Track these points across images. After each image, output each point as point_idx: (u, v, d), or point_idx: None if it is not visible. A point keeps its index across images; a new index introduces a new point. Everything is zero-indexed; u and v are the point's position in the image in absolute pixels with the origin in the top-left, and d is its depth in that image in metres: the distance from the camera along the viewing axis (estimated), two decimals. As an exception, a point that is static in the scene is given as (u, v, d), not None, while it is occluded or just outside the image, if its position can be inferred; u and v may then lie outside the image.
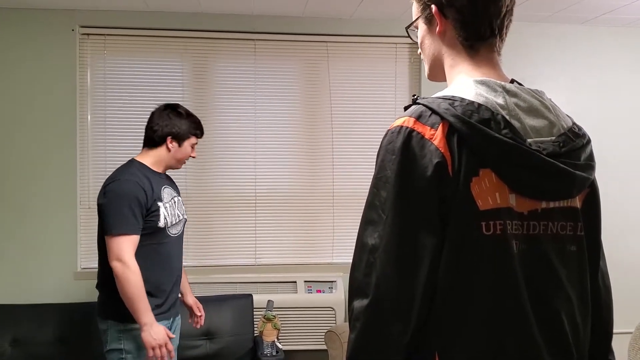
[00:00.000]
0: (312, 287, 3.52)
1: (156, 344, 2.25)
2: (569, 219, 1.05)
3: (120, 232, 2.26)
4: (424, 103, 1.03)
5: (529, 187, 1.00)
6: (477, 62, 1.09)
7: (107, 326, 2.35)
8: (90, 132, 3.45)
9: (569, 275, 1.04)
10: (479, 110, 0.98)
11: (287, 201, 3.60)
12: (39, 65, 3.36)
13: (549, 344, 1.01)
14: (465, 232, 0.97)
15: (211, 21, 3.48)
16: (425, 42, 1.16)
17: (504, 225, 0.98)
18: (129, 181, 2.32)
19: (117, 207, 2.28)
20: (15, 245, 3.35)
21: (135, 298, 2.24)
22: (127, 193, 2.29)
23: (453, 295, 0.98)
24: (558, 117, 1.06)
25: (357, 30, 3.59)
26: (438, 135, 0.98)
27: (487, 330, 0.98)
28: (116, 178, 2.35)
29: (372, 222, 1.01)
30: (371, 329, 0.99)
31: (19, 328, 3.08)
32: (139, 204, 2.29)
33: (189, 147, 2.49)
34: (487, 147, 0.97)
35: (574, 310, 1.04)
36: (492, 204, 0.98)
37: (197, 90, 3.53)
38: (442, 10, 1.09)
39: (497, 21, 1.08)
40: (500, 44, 1.11)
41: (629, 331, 2.96)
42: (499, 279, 0.98)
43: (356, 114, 3.64)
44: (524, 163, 0.98)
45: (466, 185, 0.97)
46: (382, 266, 0.98)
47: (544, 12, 3.44)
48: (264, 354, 3.09)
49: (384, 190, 1.00)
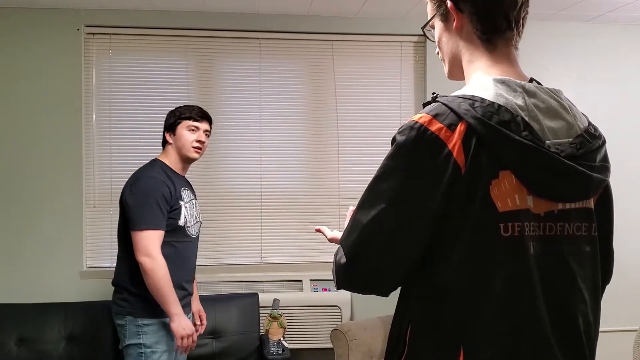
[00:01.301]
0: (318, 285, 3.52)
1: (185, 333, 2.35)
2: (584, 220, 1.06)
3: (149, 227, 2.33)
4: (443, 102, 1.03)
5: (547, 189, 1.01)
6: (495, 58, 1.10)
7: (125, 322, 2.40)
8: (95, 131, 3.45)
9: (584, 276, 1.05)
10: (499, 111, 0.98)
11: (292, 200, 3.60)
12: (45, 64, 3.36)
13: (562, 345, 1.02)
14: (483, 233, 0.98)
15: (216, 20, 3.48)
16: (443, 40, 1.16)
17: (522, 227, 0.99)
18: (156, 179, 2.40)
19: (146, 203, 2.34)
20: (21, 244, 3.34)
21: (165, 291, 2.31)
22: (155, 189, 2.36)
23: (471, 294, 0.99)
24: (575, 118, 1.07)
25: (363, 28, 3.59)
26: (455, 137, 0.98)
27: (504, 328, 0.99)
28: (143, 175, 2.43)
29: (369, 204, 1.04)
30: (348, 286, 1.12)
31: (25, 327, 3.07)
32: (165, 200, 2.37)
33: (185, 132, 2.49)
34: (508, 150, 0.97)
35: (587, 311, 1.05)
36: (511, 205, 0.98)
37: (202, 89, 3.53)
38: (458, 5, 1.09)
39: (514, 13, 1.08)
40: (518, 37, 1.12)
41: (634, 329, 2.96)
42: (516, 279, 0.99)
43: (361, 113, 3.64)
44: (543, 165, 0.99)
45: (485, 187, 0.97)
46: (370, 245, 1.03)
47: (548, 10, 3.44)
48: (270, 352, 3.09)
49: (387, 181, 1.02)
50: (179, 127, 2.49)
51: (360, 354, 3.12)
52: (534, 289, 0.99)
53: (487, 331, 0.98)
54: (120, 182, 3.39)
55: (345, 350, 3.13)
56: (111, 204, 3.39)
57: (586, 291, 1.05)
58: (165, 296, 2.31)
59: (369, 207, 1.03)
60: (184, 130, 2.49)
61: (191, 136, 2.49)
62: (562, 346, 1.01)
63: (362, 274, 1.06)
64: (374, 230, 1.02)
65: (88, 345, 3.05)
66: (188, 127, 2.49)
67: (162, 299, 2.31)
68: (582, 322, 1.04)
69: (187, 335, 2.35)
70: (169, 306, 2.32)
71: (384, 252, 1.02)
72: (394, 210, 1.01)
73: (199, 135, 2.51)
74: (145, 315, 2.37)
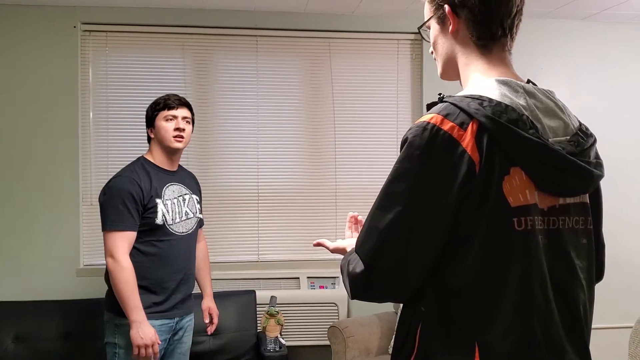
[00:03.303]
0: (315, 283, 3.53)
1: (142, 343, 2.22)
2: (581, 214, 1.10)
3: (113, 229, 2.28)
4: (452, 102, 1.04)
5: (553, 184, 1.04)
6: (490, 61, 1.12)
7: (108, 318, 2.37)
8: (92, 129, 3.44)
9: (582, 267, 1.09)
10: (507, 110, 1.01)
11: (289, 197, 3.60)
12: (41, 62, 3.36)
13: (568, 331, 1.05)
14: (498, 228, 1.00)
15: (213, 17, 3.48)
16: (438, 42, 1.18)
17: (533, 221, 1.02)
18: (125, 177, 2.34)
19: (112, 203, 2.29)
20: (18, 242, 3.34)
21: (125, 295, 2.24)
22: (121, 190, 2.30)
23: (486, 287, 1.01)
24: (569, 117, 1.10)
25: (359, 26, 3.59)
26: (467, 135, 1.00)
27: (520, 320, 1.01)
28: (115, 175, 2.38)
29: (384, 208, 1.04)
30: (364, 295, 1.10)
31: (22, 324, 3.07)
32: (134, 199, 2.29)
33: (163, 123, 2.41)
34: (518, 146, 1.00)
35: (586, 301, 1.09)
36: (522, 200, 1.01)
37: (199, 86, 3.53)
38: (455, 10, 1.11)
39: (508, 21, 1.11)
40: (511, 43, 1.14)
41: (629, 325, 2.98)
42: (530, 271, 1.02)
43: (358, 110, 3.65)
44: (550, 161, 1.02)
45: (498, 184, 1.00)
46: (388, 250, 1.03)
47: (544, 7, 3.45)
48: (268, 349, 3.10)
49: (403, 182, 1.03)
50: (157, 120, 2.41)
51: (357, 350, 3.13)
52: (546, 282, 1.03)
53: (504, 325, 1.00)
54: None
55: (342, 347, 3.14)
56: (108, 202, 3.38)
57: (584, 281, 1.09)
58: (125, 300, 2.22)
59: (385, 211, 1.03)
60: (162, 121, 2.40)
61: (170, 125, 2.40)
62: (569, 335, 1.05)
63: (382, 282, 1.05)
64: (392, 234, 1.02)
65: (85, 343, 3.04)
66: (165, 118, 2.40)
67: (122, 303, 2.24)
68: (582, 312, 1.08)
69: (143, 344, 2.21)
70: (128, 311, 2.23)
71: (404, 257, 1.02)
72: (412, 211, 1.01)
73: (177, 123, 2.40)
74: (122, 315, 2.27)
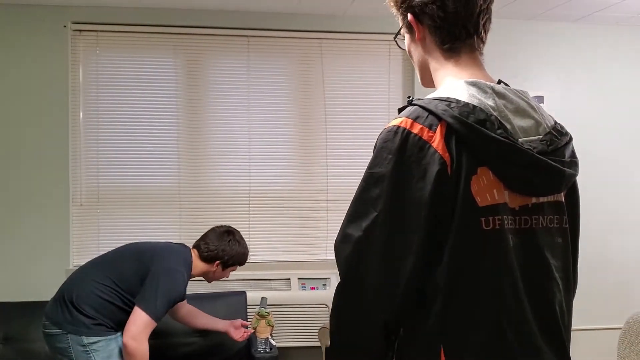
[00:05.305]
0: (306, 284, 3.52)
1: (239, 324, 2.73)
2: (556, 213, 1.10)
3: (153, 317, 2.31)
4: (420, 104, 1.04)
5: (522, 183, 1.04)
6: (460, 63, 1.12)
7: (71, 341, 2.34)
8: (82, 129, 3.43)
9: (557, 266, 1.09)
10: (475, 111, 1.01)
11: (281, 198, 3.60)
12: (31, 62, 3.34)
13: (544, 333, 1.05)
14: (466, 228, 1.00)
15: (204, 18, 3.47)
16: (411, 50, 1.20)
17: (502, 221, 1.02)
18: (185, 282, 2.46)
19: (167, 294, 2.35)
20: (7, 242, 3.32)
21: None
22: (180, 292, 2.43)
23: (456, 287, 1.01)
24: (542, 117, 1.10)
25: (351, 27, 3.59)
26: (437, 137, 1.00)
27: (489, 320, 1.01)
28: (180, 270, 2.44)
29: (359, 216, 1.03)
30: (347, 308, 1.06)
31: (11, 325, 3.05)
32: (176, 302, 2.45)
33: (228, 273, 2.72)
34: (485, 147, 1.00)
35: (562, 300, 1.09)
36: (490, 200, 1.01)
37: (190, 86, 3.52)
38: (418, 17, 1.12)
39: (472, 22, 1.11)
40: (480, 43, 1.14)
41: (619, 327, 2.98)
42: (499, 271, 1.01)
43: (350, 111, 3.64)
44: (518, 161, 1.02)
45: (467, 184, 1.00)
46: (366, 257, 1.01)
47: (535, 9, 3.45)
48: (258, 350, 3.08)
49: (377, 188, 1.02)
50: (229, 269, 2.70)
51: (347, 352, 3.13)
52: (516, 281, 1.02)
53: (473, 324, 1.00)
54: (107, 180, 3.42)
55: (333, 348, 3.13)
56: (98, 203, 3.38)
57: (560, 280, 1.09)
58: None
59: (360, 218, 1.03)
60: (229, 271, 2.72)
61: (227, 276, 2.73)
62: (544, 334, 1.05)
63: (357, 293, 1.03)
64: (368, 242, 1.01)
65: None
66: (232, 270, 2.73)
67: None
68: (558, 311, 1.07)
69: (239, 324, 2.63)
70: None
71: (380, 266, 1.01)
72: (389, 216, 1.01)
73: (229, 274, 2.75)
74: (92, 333, 2.31)
